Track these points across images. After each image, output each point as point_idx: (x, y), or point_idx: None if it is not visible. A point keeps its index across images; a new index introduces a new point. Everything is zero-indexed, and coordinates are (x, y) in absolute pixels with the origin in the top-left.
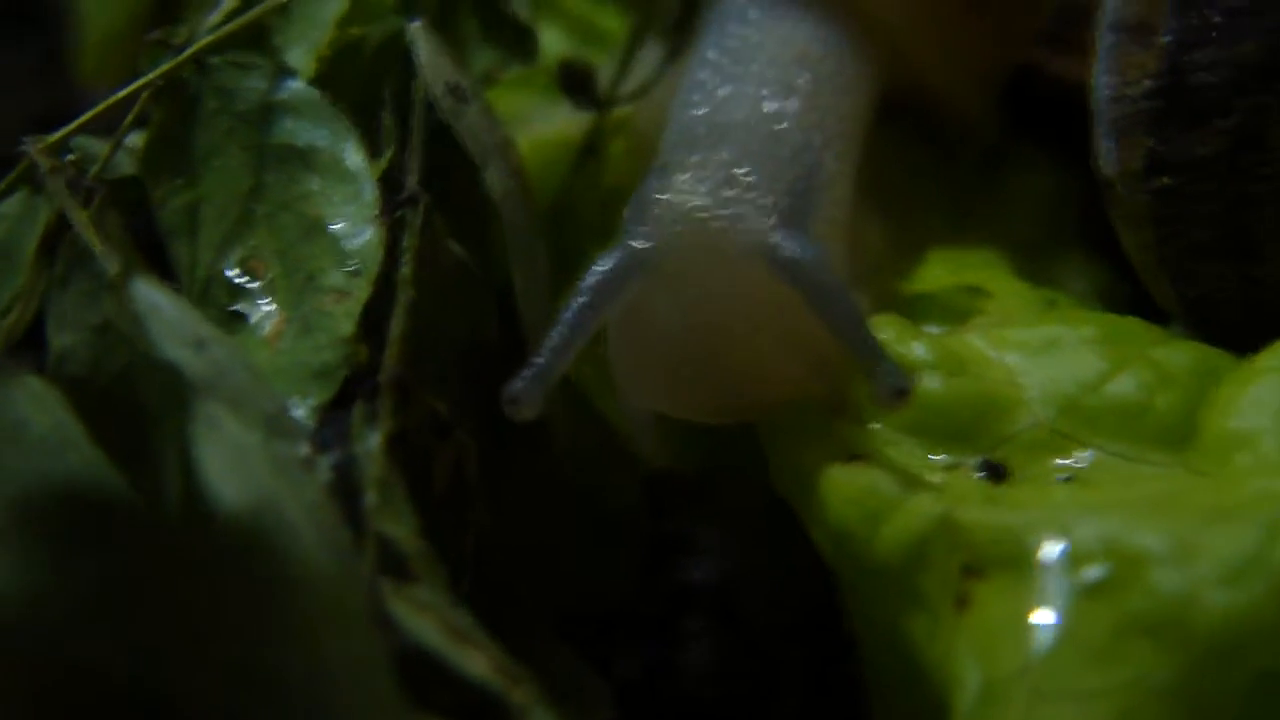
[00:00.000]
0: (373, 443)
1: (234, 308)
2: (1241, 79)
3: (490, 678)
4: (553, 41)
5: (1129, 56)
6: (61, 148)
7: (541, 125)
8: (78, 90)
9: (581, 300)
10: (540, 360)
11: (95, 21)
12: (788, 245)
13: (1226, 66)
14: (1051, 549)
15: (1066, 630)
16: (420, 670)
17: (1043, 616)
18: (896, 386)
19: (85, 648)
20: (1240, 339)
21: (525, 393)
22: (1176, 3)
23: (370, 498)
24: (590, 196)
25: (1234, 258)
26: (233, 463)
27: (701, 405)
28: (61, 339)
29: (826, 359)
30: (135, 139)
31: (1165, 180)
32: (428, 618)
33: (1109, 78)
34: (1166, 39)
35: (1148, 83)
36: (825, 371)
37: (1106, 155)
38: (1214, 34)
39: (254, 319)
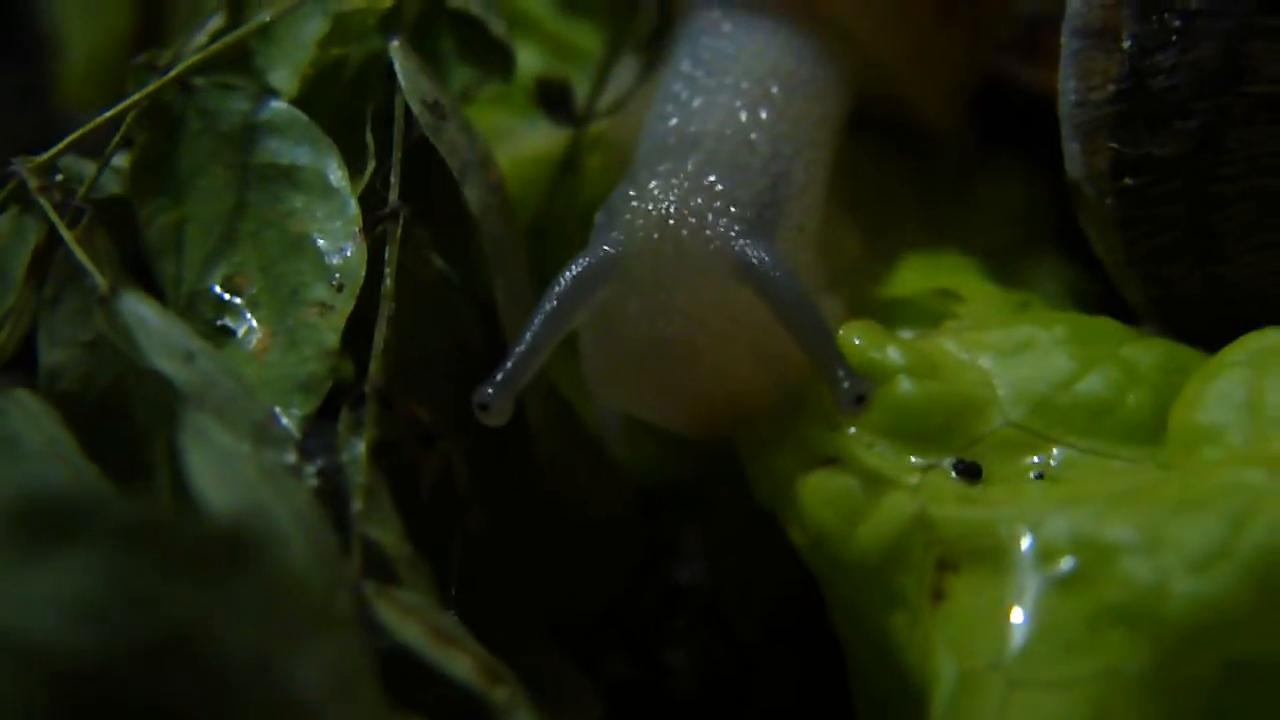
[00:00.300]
0: (358, 451)
1: (220, 323)
2: (1200, 81)
3: (473, 678)
4: (529, 59)
5: (1092, 62)
6: (49, 168)
7: (520, 142)
8: (60, 114)
9: (550, 305)
10: (509, 365)
11: (77, 46)
12: (753, 253)
13: (1186, 69)
14: (1024, 542)
15: (1040, 621)
16: (404, 671)
17: (1017, 608)
18: (857, 393)
19: (75, 652)
20: (1208, 337)
21: (494, 399)
22: (1136, 8)
23: (356, 504)
24: (569, 211)
25: (1198, 259)
26: (221, 470)
27: (672, 415)
28: (53, 356)
29: (794, 372)
30: (121, 160)
31: (1128, 182)
32: (412, 620)
33: (1073, 83)
34: (1127, 43)
35: (1110, 87)
36: (793, 385)
37: (1072, 159)
38: (1173, 37)
39: (240, 333)
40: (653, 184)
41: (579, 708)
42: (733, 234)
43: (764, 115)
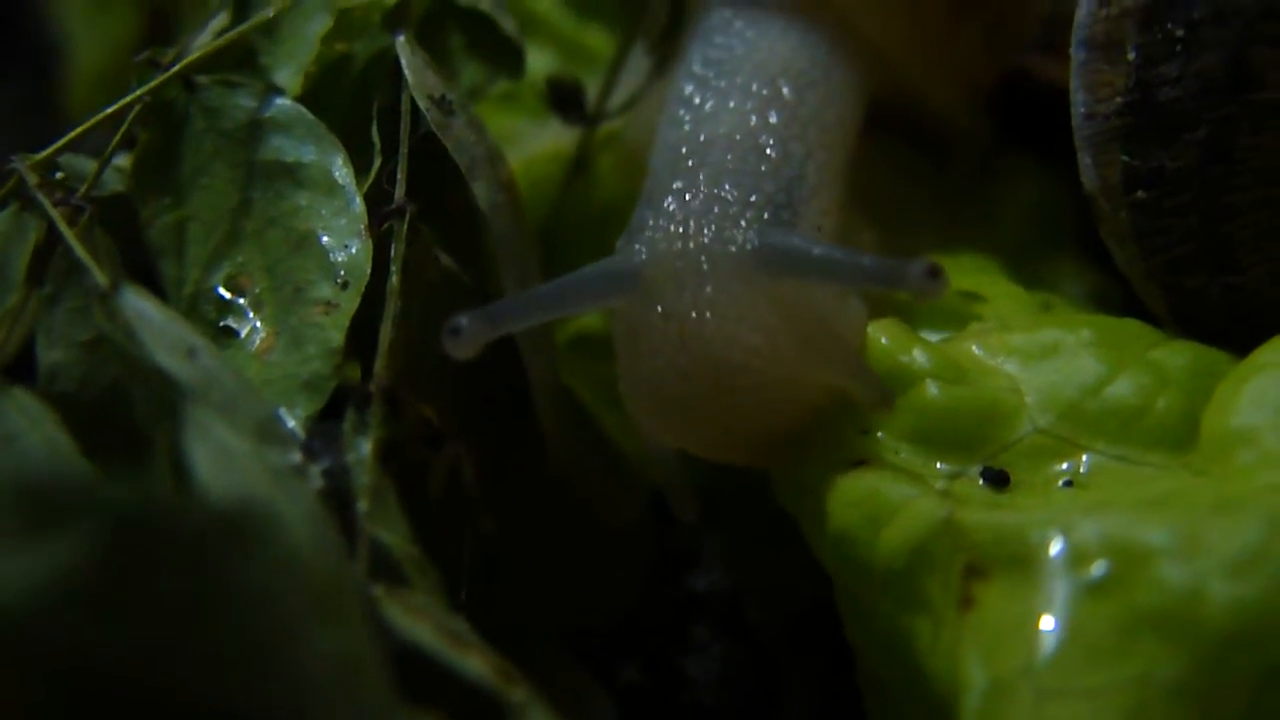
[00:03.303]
0: (364, 451)
1: (223, 323)
2: (1206, 91)
3: (487, 676)
4: (540, 60)
5: (1099, 74)
6: (49, 166)
7: (531, 143)
8: (67, 122)
9: (562, 282)
10: (498, 305)
11: (84, 54)
12: (775, 241)
13: (1191, 79)
14: (1055, 547)
15: (1072, 628)
16: (417, 670)
17: (1048, 615)
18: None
19: (71, 636)
20: (1232, 344)
21: (469, 328)
22: (1140, 18)
23: (362, 504)
24: (581, 211)
25: (1215, 269)
26: (225, 468)
27: (716, 442)
28: (52, 355)
29: (831, 381)
30: (124, 159)
31: (1141, 195)
32: (423, 620)
33: (1082, 94)
34: (1132, 55)
35: (1118, 99)
36: (831, 392)
37: (1085, 171)
38: (1178, 47)
39: (244, 333)
40: (668, 202)
41: (594, 717)
42: (752, 234)
43: (774, 119)
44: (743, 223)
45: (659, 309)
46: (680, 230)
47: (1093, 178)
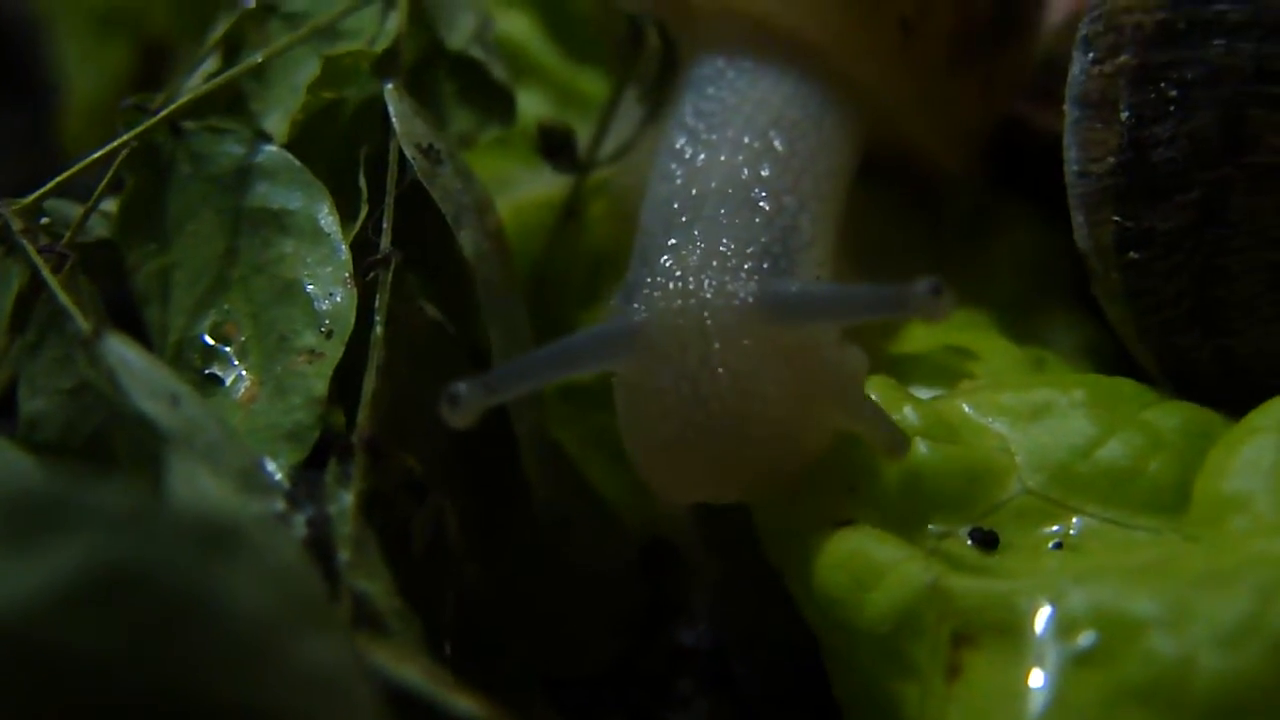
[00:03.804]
0: (345, 502)
1: (208, 371)
2: (1200, 153)
3: (478, 716)
4: (532, 105)
5: (1092, 132)
6: (36, 211)
7: (523, 189)
8: (63, 158)
9: (560, 346)
10: (496, 373)
11: (80, 89)
12: (777, 287)
13: (1185, 140)
14: (1043, 616)
15: (1059, 698)
16: (407, 711)
17: (1035, 685)
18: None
19: (69, 653)
20: (1224, 406)
21: (467, 397)
22: (1133, 78)
23: (344, 555)
24: (572, 259)
25: (1207, 331)
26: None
27: (731, 491)
28: (33, 404)
29: (847, 425)
30: (110, 204)
31: (1133, 256)
32: (409, 662)
33: (1075, 153)
34: (1125, 114)
35: (1110, 159)
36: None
37: (1078, 230)
38: (1171, 108)
39: (228, 381)
40: (665, 259)
41: None
42: (753, 285)
43: (766, 171)
44: (741, 275)
45: (667, 370)
46: (679, 287)
47: (1085, 237)
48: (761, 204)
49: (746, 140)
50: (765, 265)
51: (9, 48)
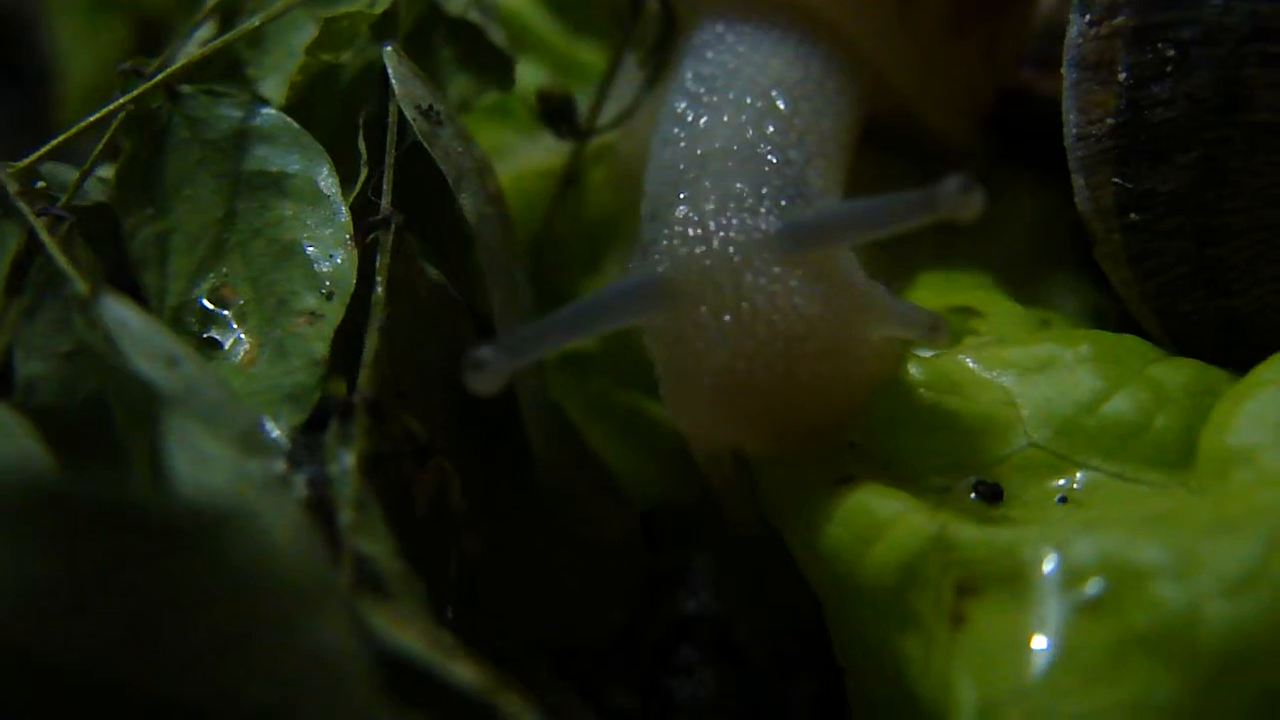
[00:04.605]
0: (347, 463)
1: (207, 335)
2: (1198, 112)
3: (477, 684)
4: (531, 75)
5: (1090, 94)
6: (32, 176)
7: (521, 158)
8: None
9: (581, 304)
10: (518, 334)
11: (76, 71)
12: (795, 218)
13: (1183, 100)
14: (1049, 565)
15: (1065, 648)
16: (404, 679)
17: (1041, 634)
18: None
19: (50, 644)
20: (1227, 366)
21: (492, 362)
22: (1130, 38)
23: (345, 516)
24: (572, 227)
25: (1209, 292)
26: (206, 477)
27: (780, 426)
28: (29, 368)
29: (890, 331)
30: (107, 170)
31: (1134, 218)
32: (409, 627)
33: (1074, 116)
34: (1123, 75)
35: (1109, 120)
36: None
37: (1079, 193)
38: (1168, 68)
39: (227, 345)
40: (679, 211)
41: None
42: (773, 218)
43: (770, 129)
44: (762, 209)
45: (703, 310)
46: (698, 233)
47: (1086, 200)
48: (769, 157)
49: (749, 101)
50: (783, 202)
51: (5, 31)
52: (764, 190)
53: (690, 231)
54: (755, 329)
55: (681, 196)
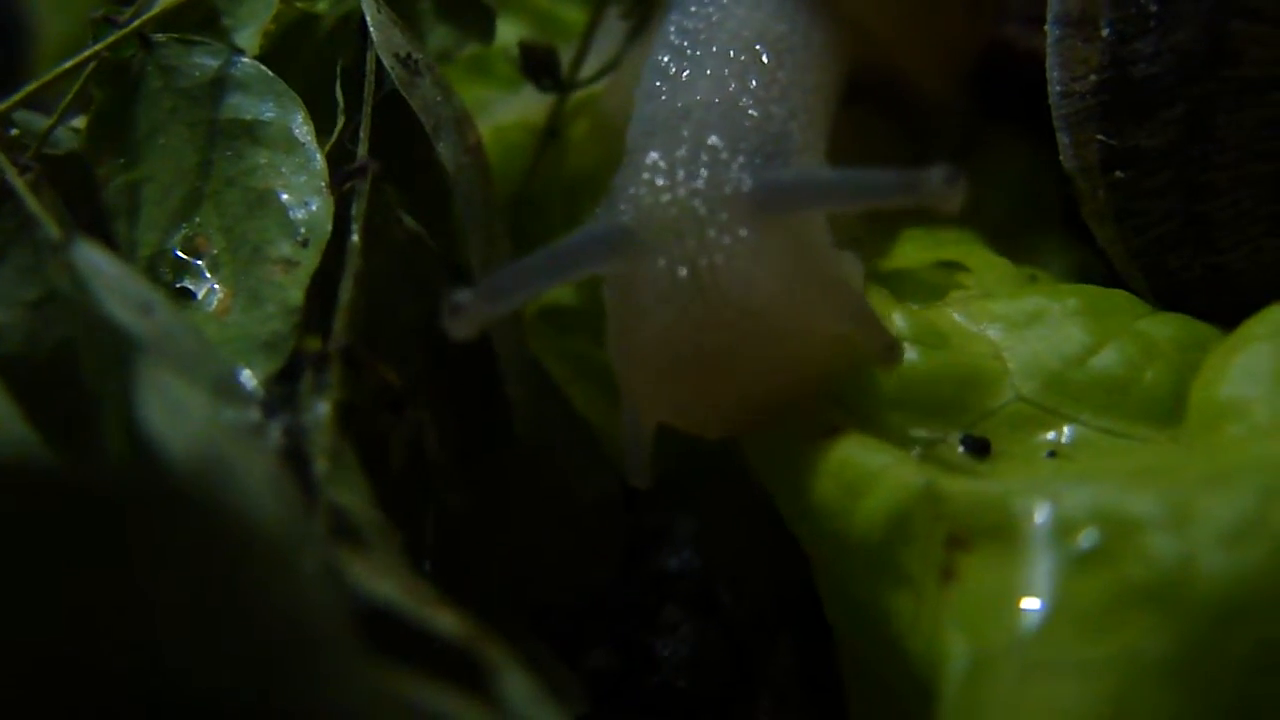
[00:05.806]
0: (321, 412)
1: (180, 285)
2: (1183, 67)
3: (460, 635)
4: (514, 32)
5: (1073, 51)
6: (5, 123)
7: (501, 112)
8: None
9: (553, 248)
10: (493, 282)
11: (52, 31)
12: (769, 178)
13: (1167, 55)
14: (1040, 517)
15: (1058, 601)
16: (384, 631)
17: (1033, 587)
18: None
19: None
20: (1214, 323)
21: (470, 306)
22: None
23: (320, 465)
24: (552, 179)
25: (1196, 249)
26: (179, 425)
27: (717, 407)
28: None
29: (842, 328)
30: (80, 120)
31: (1119, 175)
32: (388, 578)
33: (1058, 73)
34: (1106, 31)
35: (1093, 77)
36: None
37: (1064, 151)
38: (1152, 23)
39: (200, 294)
40: (650, 158)
41: (562, 700)
42: (745, 175)
43: (754, 83)
44: (734, 166)
45: (661, 262)
46: (666, 183)
47: (1071, 158)
48: (751, 111)
49: (733, 54)
50: (758, 160)
51: None
52: (741, 145)
53: (659, 180)
54: (708, 293)
55: (655, 145)
